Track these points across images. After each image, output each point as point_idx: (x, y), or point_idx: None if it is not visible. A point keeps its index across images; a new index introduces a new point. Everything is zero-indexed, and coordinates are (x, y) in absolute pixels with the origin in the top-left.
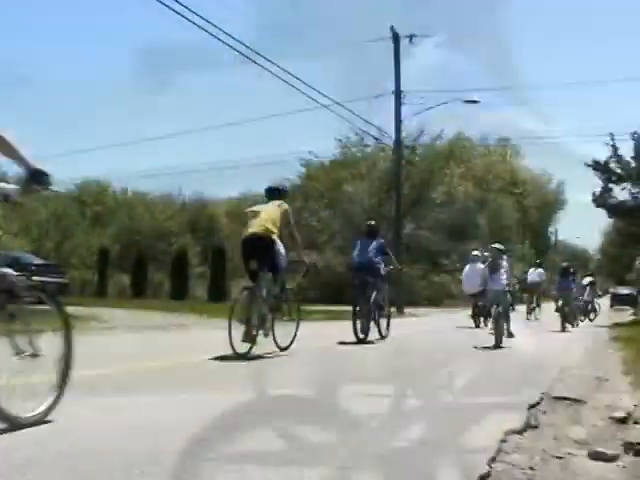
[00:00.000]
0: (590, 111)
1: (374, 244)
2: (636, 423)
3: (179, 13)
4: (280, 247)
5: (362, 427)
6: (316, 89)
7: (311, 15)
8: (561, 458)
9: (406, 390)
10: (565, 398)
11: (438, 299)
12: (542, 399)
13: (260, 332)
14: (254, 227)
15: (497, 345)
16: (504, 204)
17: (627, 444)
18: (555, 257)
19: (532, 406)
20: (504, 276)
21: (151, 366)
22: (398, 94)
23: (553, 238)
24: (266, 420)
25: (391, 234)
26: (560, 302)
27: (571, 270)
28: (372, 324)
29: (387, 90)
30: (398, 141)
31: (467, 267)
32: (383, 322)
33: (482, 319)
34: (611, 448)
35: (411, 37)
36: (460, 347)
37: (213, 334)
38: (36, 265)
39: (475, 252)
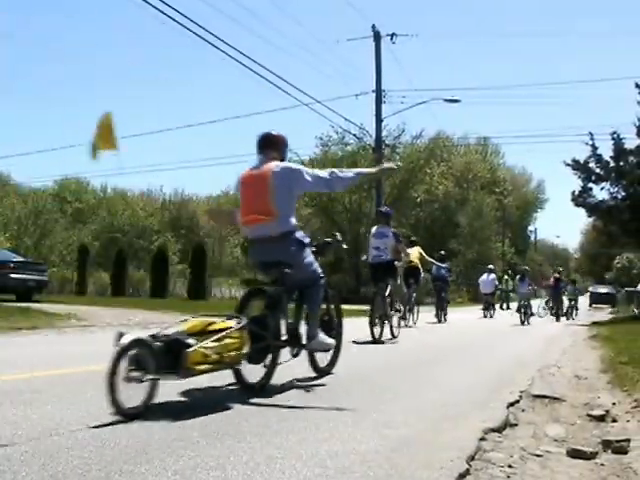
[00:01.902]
0: (570, 111)
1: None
2: (614, 421)
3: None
4: None
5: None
6: (297, 87)
7: (293, 12)
8: (540, 456)
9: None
10: (544, 396)
11: (419, 296)
12: (521, 397)
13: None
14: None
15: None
16: (484, 203)
17: (605, 442)
18: (535, 256)
19: (511, 404)
20: (528, 285)
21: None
22: (379, 93)
23: (533, 237)
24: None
25: None
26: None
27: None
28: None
29: (368, 89)
30: (379, 140)
31: (484, 275)
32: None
33: (488, 312)
34: (589, 446)
35: (392, 35)
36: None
37: None
38: (15, 262)
39: (490, 266)
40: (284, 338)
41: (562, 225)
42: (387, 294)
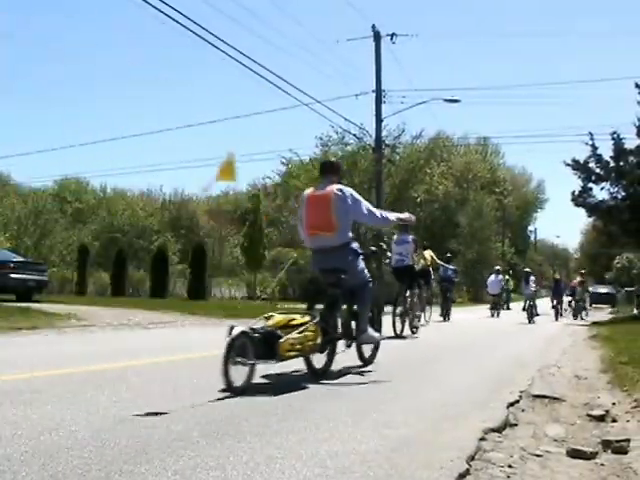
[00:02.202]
0: (570, 111)
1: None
2: (614, 421)
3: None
4: None
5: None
6: (297, 87)
7: (293, 12)
8: (540, 456)
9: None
10: (544, 396)
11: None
12: (521, 397)
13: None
14: None
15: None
16: (484, 203)
17: (605, 442)
18: (535, 256)
19: (511, 404)
20: (532, 286)
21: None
22: (379, 93)
23: (533, 237)
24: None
25: (371, 232)
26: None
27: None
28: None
29: (368, 89)
30: (379, 140)
31: (492, 276)
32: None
33: (495, 312)
34: (589, 446)
35: (392, 35)
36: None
37: (191, 332)
38: (15, 262)
39: (497, 267)
40: (340, 332)
41: (562, 225)
42: (409, 294)
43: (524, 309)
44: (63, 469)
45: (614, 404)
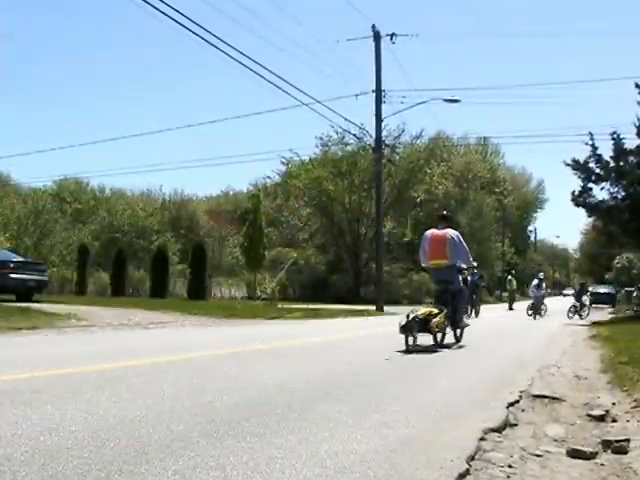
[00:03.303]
0: (570, 111)
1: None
2: (614, 421)
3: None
4: None
5: None
6: (297, 87)
7: (293, 12)
8: (540, 456)
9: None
10: (544, 396)
11: (418, 297)
12: (521, 397)
13: None
14: None
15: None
16: (484, 203)
17: (605, 442)
18: (535, 256)
19: (511, 404)
20: (543, 289)
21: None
22: (379, 93)
23: (533, 237)
24: None
25: (371, 232)
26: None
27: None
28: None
29: (368, 89)
30: (379, 140)
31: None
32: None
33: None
34: (589, 446)
35: (392, 35)
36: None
37: (191, 332)
38: (15, 262)
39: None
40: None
41: (562, 225)
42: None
43: (530, 309)
44: (63, 469)
45: (614, 404)
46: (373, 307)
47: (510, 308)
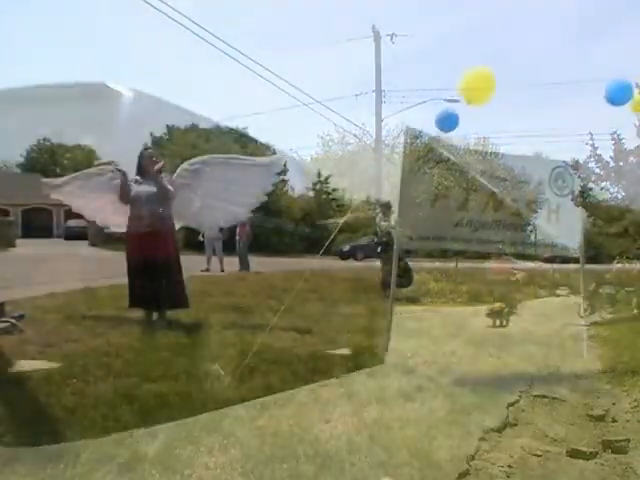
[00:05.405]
0: (570, 111)
1: None
2: (614, 421)
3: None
4: None
5: None
6: (297, 87)
7: (293, 12)
8: (540, 456)
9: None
10: (544, 396)
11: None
12: (521, 397)
13: None
14: None
15: None
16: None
17: (605, 442)
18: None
19: (511, 404)
20: None
21: None
22: (379, 93)
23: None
24: None
25: (371, 232)
26: None
27: None
28: None
29: (368, 89)
30: (379, 140)
31: None
32: None
33: None
34: (589, 446)
35: (392, 35)
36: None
37: None
38: None
39: None
40: None
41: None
42: None
43: None
44: None
45: (614, 404)
46: None
47: None
